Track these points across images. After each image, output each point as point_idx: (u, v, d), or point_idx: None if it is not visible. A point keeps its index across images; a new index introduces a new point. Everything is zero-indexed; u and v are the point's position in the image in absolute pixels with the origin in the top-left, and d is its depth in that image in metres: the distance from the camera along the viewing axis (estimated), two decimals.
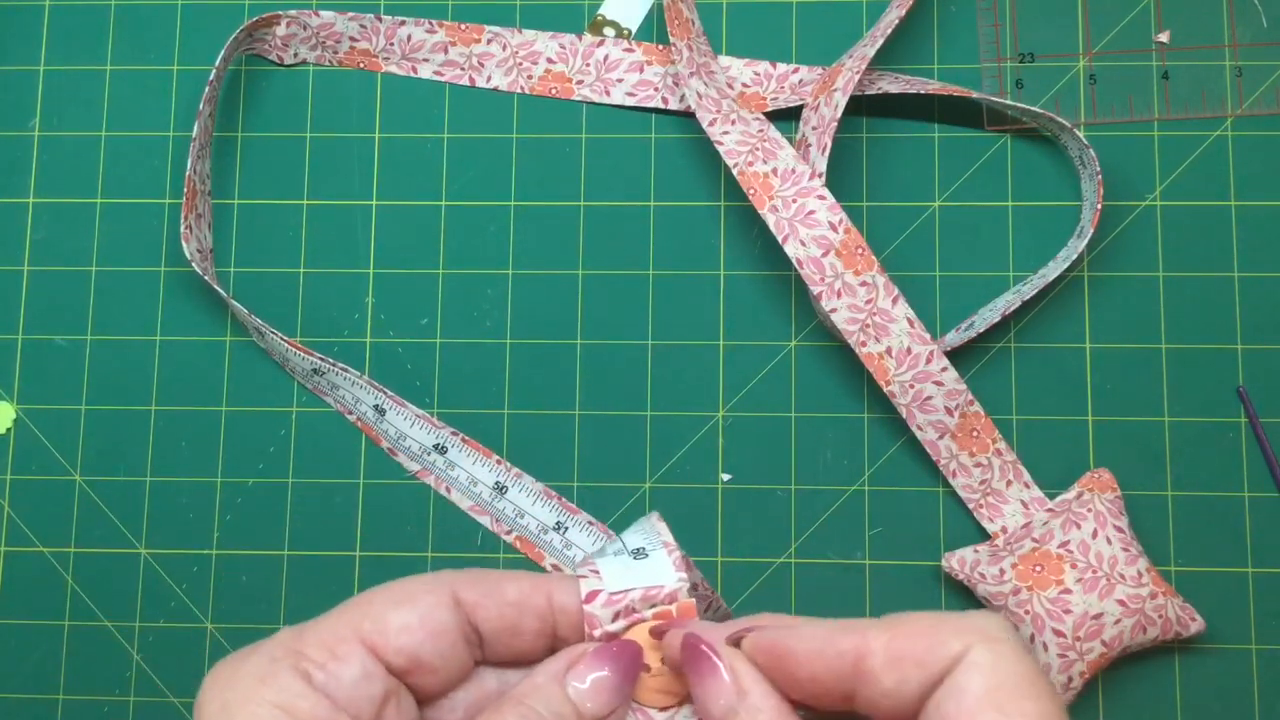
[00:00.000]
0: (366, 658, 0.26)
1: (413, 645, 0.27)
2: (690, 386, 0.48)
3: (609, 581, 0.28)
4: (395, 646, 0.26)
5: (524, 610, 0.28)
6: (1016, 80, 0.49)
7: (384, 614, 0.27)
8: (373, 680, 0.26)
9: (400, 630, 0.27)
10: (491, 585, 0.28)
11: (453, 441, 0.47)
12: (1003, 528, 0.45)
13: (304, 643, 0.26)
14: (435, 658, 0.27)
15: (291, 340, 0.47)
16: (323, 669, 0.26)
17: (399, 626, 0.27)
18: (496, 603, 0.28)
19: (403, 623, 0.27)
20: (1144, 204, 0.48)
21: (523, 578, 0.28)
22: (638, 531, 0.29)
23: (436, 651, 0.27)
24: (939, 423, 0.45)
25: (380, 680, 0.26)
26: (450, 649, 0.27)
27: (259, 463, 0.48)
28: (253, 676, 0.25)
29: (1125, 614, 0.43)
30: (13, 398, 0.49)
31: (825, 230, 0.44)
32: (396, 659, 0.27)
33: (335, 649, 0.26)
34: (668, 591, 0.27)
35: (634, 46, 0.50)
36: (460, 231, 0.49)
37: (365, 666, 0.26)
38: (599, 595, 0.27)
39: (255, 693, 0.25)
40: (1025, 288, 0.47)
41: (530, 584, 0.28)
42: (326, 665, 0.26)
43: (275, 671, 0.25)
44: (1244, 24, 0.49)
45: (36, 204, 0.50)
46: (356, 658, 0.26)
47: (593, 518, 0.47)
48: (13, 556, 0.48)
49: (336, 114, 0.50)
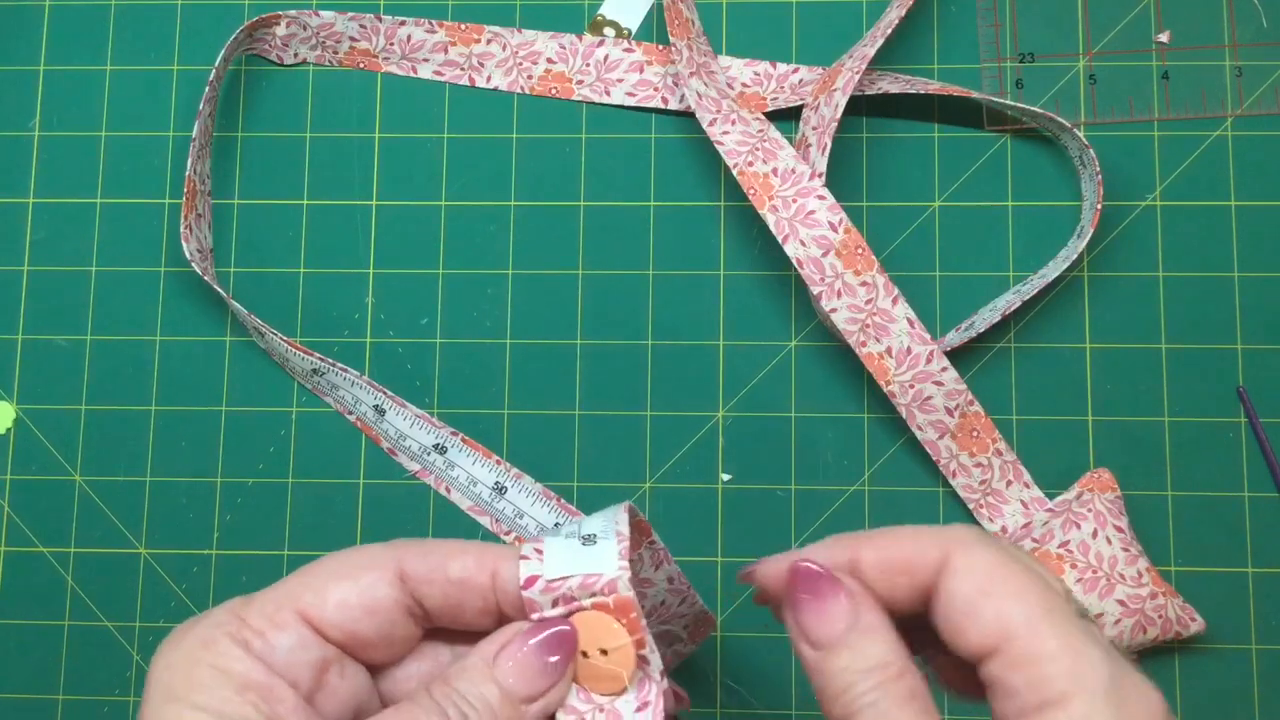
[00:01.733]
0: (302, 628, 0.27)
1: (350, 621, 0.28)
2: (690, 386, 0.48)
3: (549, 566, 0.28)
4: (332, 621, 0.28)
5: (467, 589, 0.28)
6: (1016, 80, 0.49)
7: (324, 587, 0.28)
8: (309, 649, 0.27)
9: (337, 606, 0.28)
10: (437, 562, 0.28)
11: (452, 441, 0.47)
12: (1003, 528, 0.45)
13: (247, 612, 0.27)
14: (373, 633, 0.28)
15: (291, 340, 0.47)
16: (261, 636, 0.27)
17: (336, 602, 0.28)
18: (440, 581, 0.28)
19: (340, 598, 0.28)
20: (1144, 204, 0.48)
21: (469, 553, 0.28)
22: (599, 517, 0.29)
23: (374, 627, 0.28)
24: (939, 423, 0.45)
25: (317, 649, 0.27)
26: (389, 624, 0.28)
27: (259, 463, 0.48)
28: (197, 641, 0.27)
29: (1125, 614, 0.43)
30: (13, 398, 0.49)
31: (825, 230, 0.44)
32: (333, 632, 0.28)
33: (274, 618, 0.27)
34: (606, 580, 0.27)
35: (634, 46, 0.50)
36: (460, 231, 0.49)
37: (301, 636, 0.27)
38: (537, 581, 0.27)
39: (197, 655, 0.27)
40: (1025, 288, 0.47)
41: (475, 561, 0.28)
42: (265, 633, 0.27)
43: (216, 638, 0.27)
44: (1244, 24, 0.49)
45: (36, 204, 0.50)
46: (293, 627, 0.27)
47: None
48: (13, 556, 0.48)
49: (336, 114, 0.50)
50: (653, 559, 0.35)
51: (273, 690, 0.26)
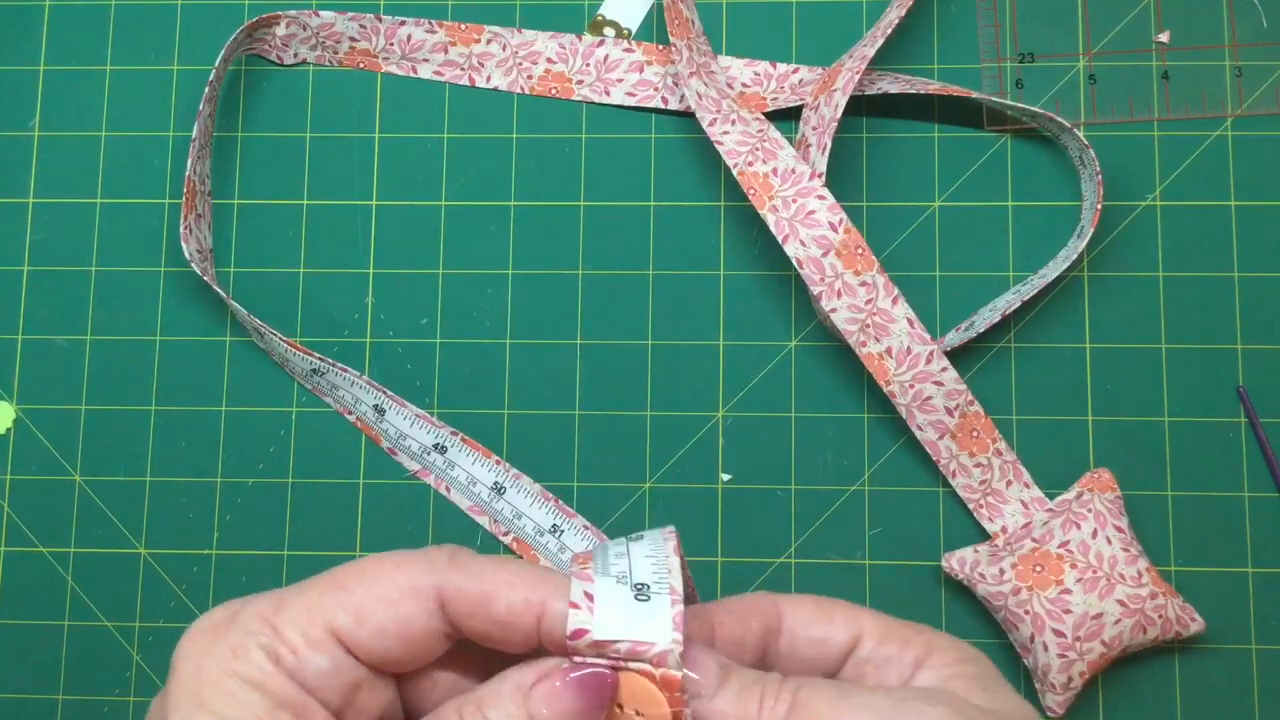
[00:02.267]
0: (336, 650, 0.27)
1: (385, 650, 0.27)
2: (690, 386, 0.48)
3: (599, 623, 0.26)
4: (367, 647, 0.27)
5: (512, 630, 0.27)
6: (1016, 80, 0.49)
7: (360, 610, 0.27)
8: (342, 672, 0.27)
9: (374, 634, 0.27)
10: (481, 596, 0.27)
11: (452, 441, 0.47)
12: (1003, 528, 0.45)
13: (280, 620, 0.26)
14: (407, 657, 0.27)
15: (290, 340, 0.47)
16: (295, 654, 0.26)
17: (373, 630, 0.27)
18: (483, 619, 0.27)
19: (378, 626, 0.27)
20: (1144, 204, 0.48)
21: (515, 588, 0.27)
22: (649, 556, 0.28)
23: (409, 652, 0.27)
24: (939, 423, 0.45)
25: (350, 671, 0.27)
26: (426, 648, 0.28)
27: (259, 463, 0.48)
28: (228, 648, 0.26)
29: (1125, 614, 0.43)
30: (13, 398, 0.49)
31: (825, 230, 0.44)
32: (367, 656, 0.27)
33: (308, 634, 0.26)
34: (657, 652, 0.26)
35: (634, 46, 0.50)
36: (460, 231, 0.49)
37: (334, 659, 0.27)
38: (585, 635, 0.26)
39: (229, 664, 0.26)
40: (1025, 288, 0.47)
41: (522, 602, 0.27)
42: (298, 651, 0.26)
43: (248, 647, 0.26)
44: (1244, 24, 0.49)
45: (36, 204, 0.50)
46: (326, 650, 0.26)
47: (589, 522, 0.47)
48: (13, 556, 0.48)
49: (336, 114, 0.50)
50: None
51: (306, 709, 0.26)
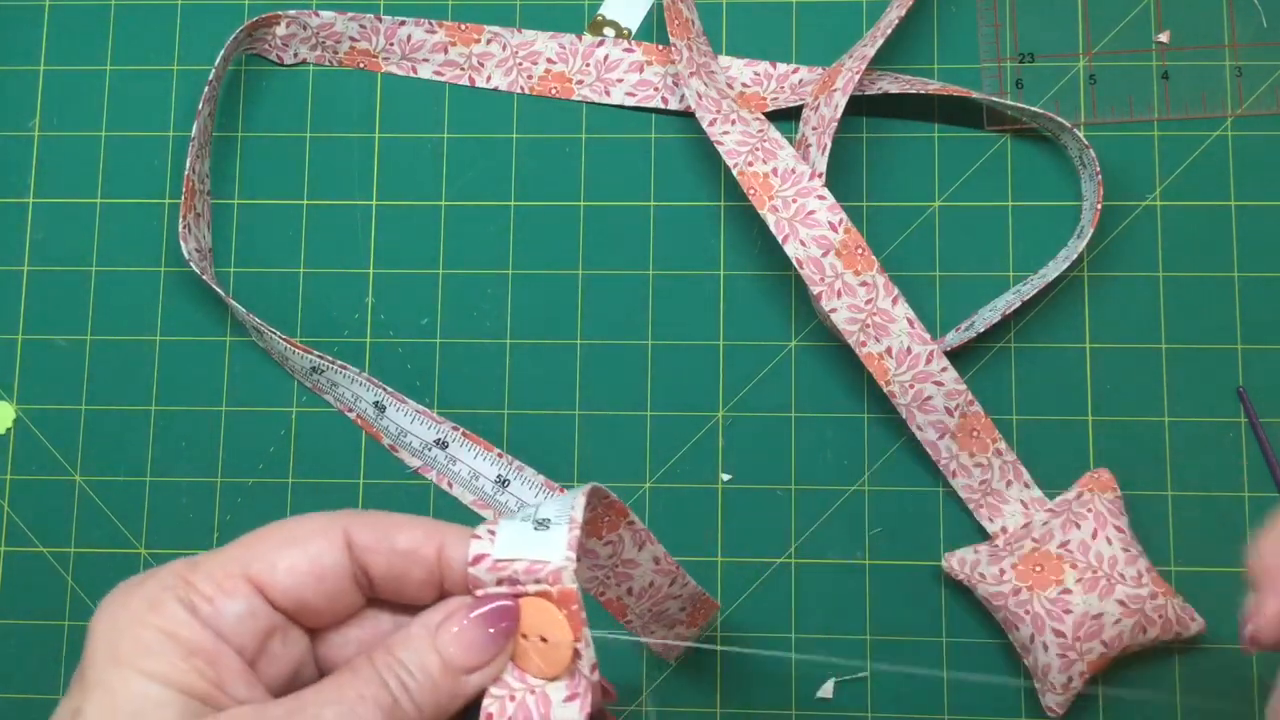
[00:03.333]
0: (252, 595, 0.27)
1: (298, 587, 0.28)
2: (690, 386, 0.48)
3: (499, 547, 0.28)
4: (281, 587, 0.28)
5: (413, 561, 0.28)
6: (1016, 80, 0.49)
7: (273, 554, 0.28)
8: (257, 617, 0.27)
9: (287, 572, 0.28)
10: (385, 532, 0.28)
11: (453, 436, 0.47)
12: (1003, 528, 0.45)
13: (195, 575, 0.27)
14: (321, 599, 0.28)
15: (290, 339, 0.47)
16: (209, 602, 0.27)
17: (286, 568, 0.28)
18: (386, 551, 0.28)
19: (290, 565, 0.28)
20: (1144, 204, 0.48)
21: (417, 526, 0.29)
22: (559, 501, 0.30)
23: (322, 594, 0.28)
24: (939, 423, 0.45)
25: (265, 617, 0.27)
26: (337, 591, 0.28)
27: (259, 463, 0.48)
28: (144, 601, 0.27)
29: (1125, 614, 0.43)
30: (13, 398, 0.49)
31: (825, 230, 0.44)
32: (282, 599, 0.28)
33: (223, 584, 0.27)
34: (552, 569, 0.27)
35: (634, 46, 0.50)
36: (460, 231, 0.49)
37: (250, 604, 0.27)
38: (484, 559, 0.28)
39: (144, 617, 0.26)
40: (1025, 288, 0.47)
41: (423, 534, 0.28)
42: (214, 599, 0.27)
43: (164, 600, 0.27)
44: (1244, 24, 0.49)
45: (36, 204, 0.50)
46: (242, 594, 0.27)
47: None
48: (13, 556, 0.48)
49: (336, 114, 0.50)
50: (634, 540, 0.35)
51: (219, 657, 0.26)
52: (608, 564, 0.35)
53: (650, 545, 0.35)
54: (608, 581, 0.36)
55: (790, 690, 0.46)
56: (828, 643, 0.46)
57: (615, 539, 0.35)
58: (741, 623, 0.47)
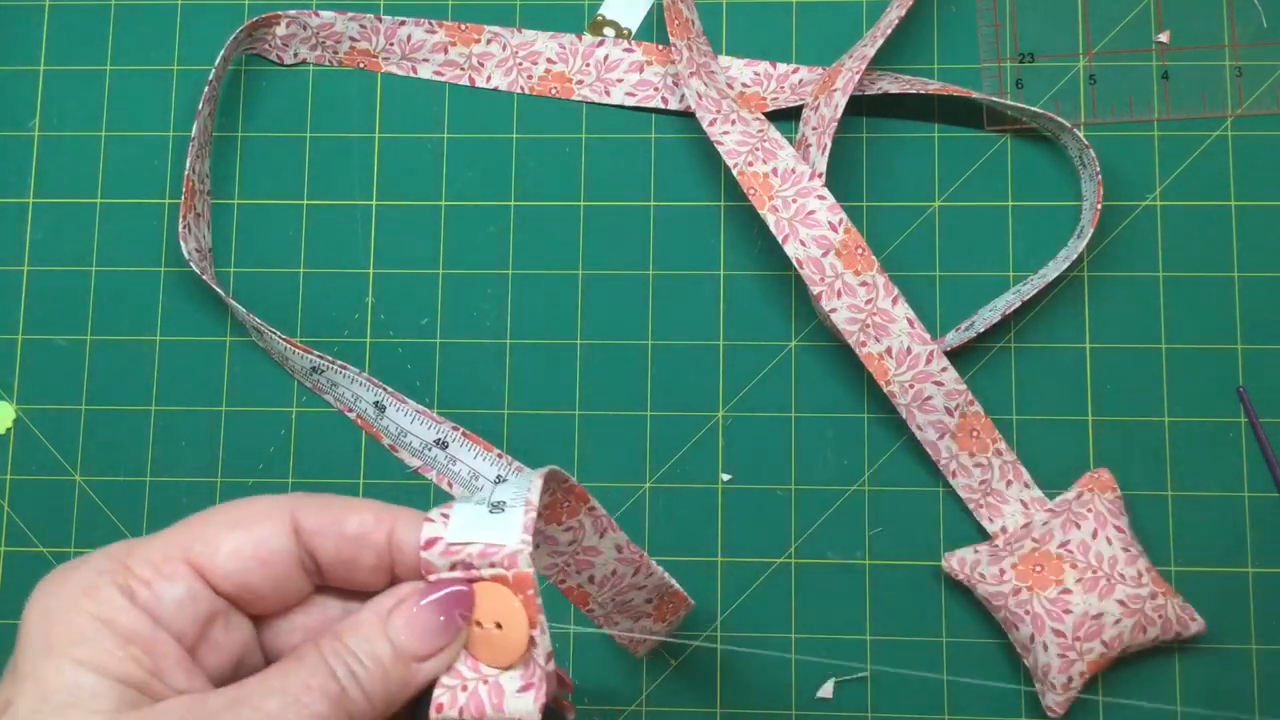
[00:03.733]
0: (193, 579, 0.26)
1: (242, 572, 0.27)
2: (690, 386, 0.48)
3: (452, 530, 0.27)
4: (223, 571, 0.27)
5: (362, 545, 0.27)
6: (1016, 80, 0.49)
7: (216, 537, 0.27)
8: (198, 601, 0.26)
9: (230, 555, 0.27)
10: (334, 515, 0.27)
11: (453, 436, 0.47)
12: (1003, 528, 0.45)
13: (133, 559, 0.26)
14: (265, 584, 0.27)
15: (290, 339, 0.47)
16: (147, 586, 0.26)
17: (229, 552, 0.26)
18: (335, 535, 0.27)
19: (233, 548, 0.27)
20: (1144, 204, 0.48)
21: (367, 509, 0.28)
22: (514, 484, 0.29)
23: (267, 578, 0.27)
24: (939, 423, 0.45)
25: (206, 601, 0.26)
26: (283, 576, 0.27)
27: (259, 463, 0.48)
28: (77, 587, 0.25)
29: (1125, 614, 0.43)
30: (13, 398, 0.49)
31: (825, 230, 0.44)
32: (224, 583, 0.27)
33: (162, 568, 0.26)
34: (507, 552, 0.26)
35: (634, 46, 0.50)
36: (460, 231, 0.49)
37: (190, 588, 0.26)
38: (438, 543, 0.27)
39: (78, 603, 0.25)
40: (1025, 288, 0.47)
41: (374, 518, 0.27)
42: (151, 583, 0.26)
43: (99, 585, 0.25)
44: (1244, 24, 0.49)
45: (36, 204, 0.50)
46: (182, 578, 0.26)
47: None
48: (13, 556, 0.48)
49: (336, 114, 0.50)
50: (595, 526, 0.34)
51: (156, 644, 0.25)
52: (567, 550, 0.34)
53: (612, 532, 0.34)
54: (568, 569, 0.35)
55: (790, 690, 0.46)
56: (828, 643, 0.46)
57: (575, 525, 0.34)
58: (741, 623, 0.47)
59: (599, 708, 0.46)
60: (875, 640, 0.46)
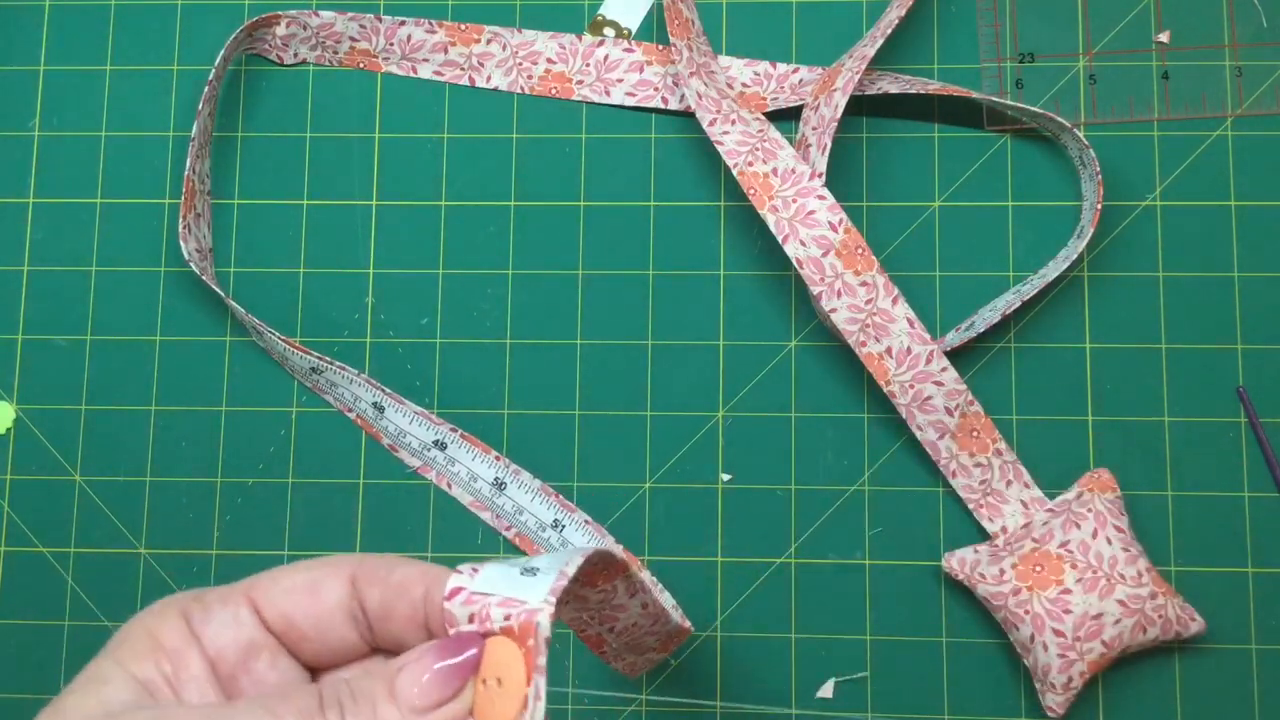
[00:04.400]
0: (243, 609, 0.28)
1: (290, 608, 0.28)
2: (690, 386, 0.48)
3: (478, 582, 0.27)
4: (275, 606, 0.28)
5: (401, 595, 0.28)
6: (1016, 80, 0.49)
7: (279, 576, 0.29)
8: (242, 627, 0.28)
9: (284, 592, 0.28)
10: (387, 566, 0.29)
11: (452, 438, 0.47)
12: (1003, 528, 0.45)
13: (207, 593, 0.29)
14: (310, 626, 0.28)
15: (289, 339, 0.47)
16: (204, 611, 0.28)
17: (285, 587, 0.28)
18: (381, 582, 0.28)
19: (289, 585, 0.28)
20: (1144, 204, 0.48)
21: (415, 565, 0.29)
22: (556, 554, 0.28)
23: (312, 620, 0.28)
24: (939, 423, 0.45)
25: (250, 629, 0.28)
26: (329, 622, 0.28)
27: (259, 463, 0.48)
28: (150, 610, 0.28)
29: (1125, 614, 0.43)
30: (13, 398, 0.49)
31: (825, 230, 0.44)
32: (273, 616, 0.28)
33: (225, 597, 0.28)
34: (527, 609, 0.26)
35: (634, 46, 0.50)
36: (460, 231, 0.49)
37: (238, 615, 0.28)
38: (460, 593, 0.27)
39: (141, 619, 0.28)
40: (1025, 288, 0.47)
41: (419, 572, 0.28)
42: (210, 608, 0.28)
43: (166, 607, 0.28)
44: (1244, 24, 0.49)
45: (36, 204, 0.50)
46: (234, 606, 0.28)
47: (589, 516, 0.47)
48: (13, 556, 0.48)
49: (336, 114, 0.50)
50: (628, 589, 0.34)
51: (183, 655, 0.27)
52: (595, 608, 0.35)
53: (642, 594, 0.35)
54: (590, 621, 0.36)
55: (790, 690, 0.46)
56: (828, 643, 0.46)
57: (609, 588, 0.34)
58: (741, 623, 0.47)
59: (599, 708, 0.46)
60: (875, 640, 0.46)
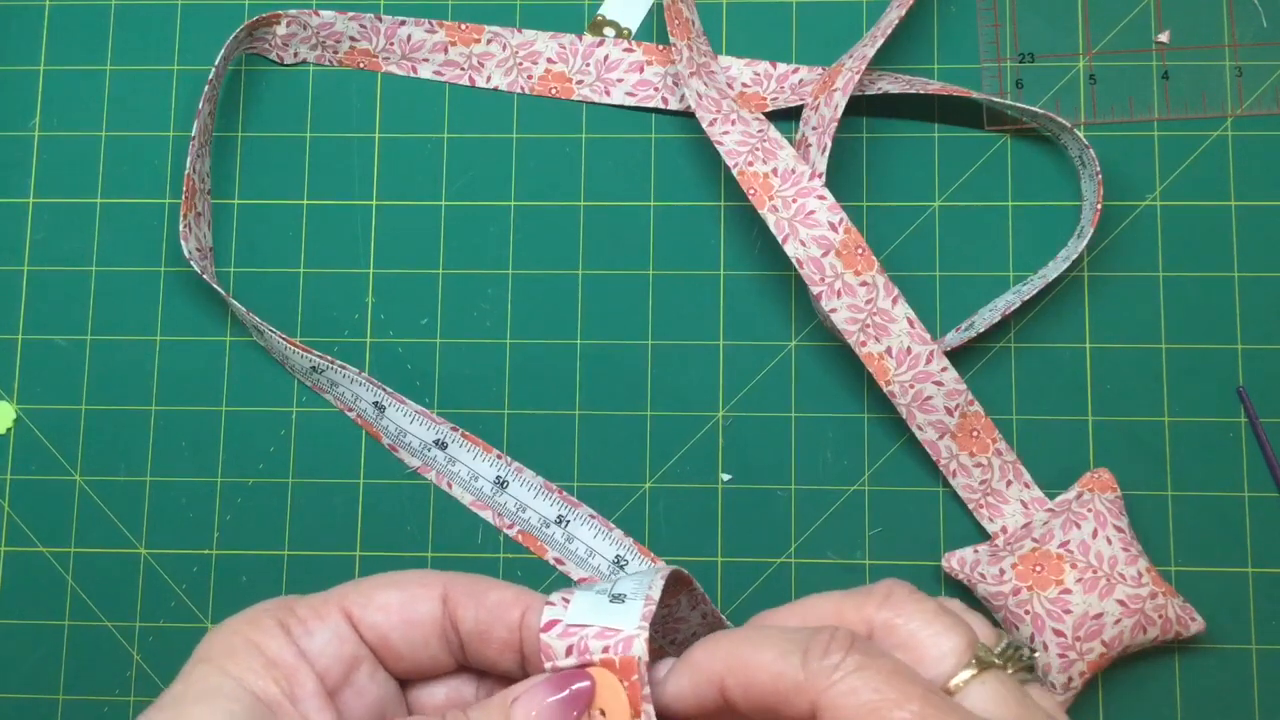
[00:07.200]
0: (342, 623, 0.29)
1: (385, 624, 0.29)
2: (690, 386, 0.48)
3: (571, 613, 0.28)
4: (370, 621, 0.29)
5: (497, 619, 0.29)
6: (1016, 80, 0.49)
7: (371, 591, 0.29)
8: (344, 643, 0.29)
9: (379, 608, 0.29)
10: (480, 588, 0.29)
11: (452, 437, 0.47)
12: (1003, 528, 0.45)
13: (298, 603, 0.29)
14: (403, 643, 0.29)
15: (290, 339, 0.47)
16: (302, 624, 0.29)
17: (380, 605, 0.29)
18: (475, 604, 0.29)
19: (384, 602, 0.29)
20: (1144, 204, 0.48)
21: (508, 588, 0.29)
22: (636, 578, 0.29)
23: (406, 637, 0.29)
24: (939, 423, 0.45)
25: (351, 645, 0.29)
26: (422, 639, 0.29)
27: (259, 463, 0.48)
28: (244, 620, 0.29)
29: (1125, 614, 0.43)
30: (13, 398, 0.49)
31: (825, 230, 0.44)
32: (369, 633, 0.29)
33: (319, 610, 0.29)
34: (623, 636, 0.27)
35: (634, 46, 0.50)
36: (460, 231, 0.49)
37: (339, 630, 0.29)
38: (557, 625, 0.27)
39: (238, 628, 0.28)
40: (1025, 288, 0.47)
41: (513, 596, 0.29)
42: (307, 622, 0.29)
43: (261, 617, 0.29)
44: (1244, 24, 0.49)
45: (36, 204, 0.50)
46: (333, 620, 0.29)
47: (594, 511, 0.47)
48: (13, 556, 0.48)
49: (336, 114, 0.50)
50: (690, 601, 0.35)
51: (297, 673, 0.28)
52: (659, 623, 0.36)
53: (703, 605, 0.35)
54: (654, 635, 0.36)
55: None
56: None
57: (674, 603, 0.35)
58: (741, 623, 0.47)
59: None
60: None
